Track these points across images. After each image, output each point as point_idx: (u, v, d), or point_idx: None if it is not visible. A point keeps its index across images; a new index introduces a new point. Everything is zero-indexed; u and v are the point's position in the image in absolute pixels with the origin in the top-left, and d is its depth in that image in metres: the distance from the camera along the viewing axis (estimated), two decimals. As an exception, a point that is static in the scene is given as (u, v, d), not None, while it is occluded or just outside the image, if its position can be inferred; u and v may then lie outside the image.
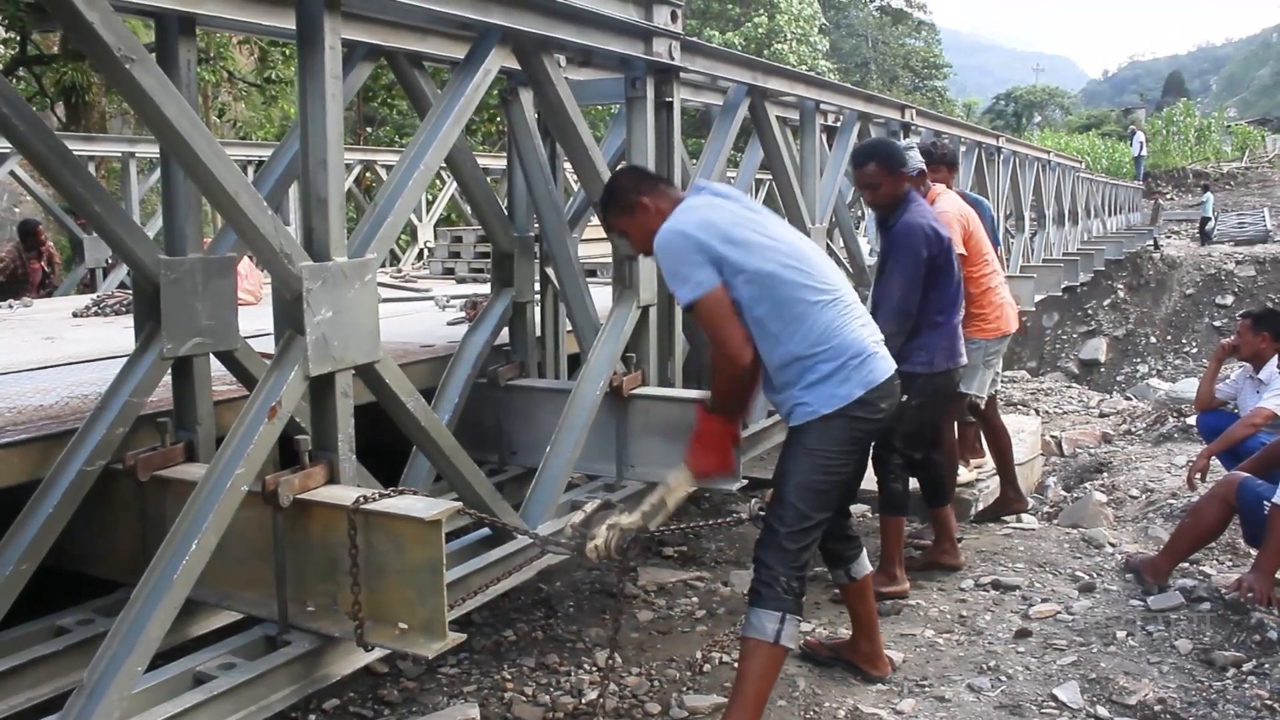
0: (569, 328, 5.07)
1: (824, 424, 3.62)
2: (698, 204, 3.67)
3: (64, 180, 3.09)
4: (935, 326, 5.02)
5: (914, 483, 5.58)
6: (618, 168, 3.97)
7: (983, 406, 6.50)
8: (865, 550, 4.30)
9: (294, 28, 2.95)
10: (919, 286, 4.89)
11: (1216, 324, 22.15)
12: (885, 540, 5.38)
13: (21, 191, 13.22)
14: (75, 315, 6.97)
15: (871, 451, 5.16)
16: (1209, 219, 29.97)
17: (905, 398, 4.99)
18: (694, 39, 4.80)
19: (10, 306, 7.85)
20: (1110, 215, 25.92)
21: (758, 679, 3.65)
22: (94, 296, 7.85)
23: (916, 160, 5.61)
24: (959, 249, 5.43)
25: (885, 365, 3.73)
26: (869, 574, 4.31)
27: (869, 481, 5.16)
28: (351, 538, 2.86)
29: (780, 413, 3.81)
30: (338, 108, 2.94)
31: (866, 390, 3.62)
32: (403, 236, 15.39)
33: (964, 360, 5.34)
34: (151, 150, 11.26)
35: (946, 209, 5.70)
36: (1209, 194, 31.33)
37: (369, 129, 22.41)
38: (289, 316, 2.94)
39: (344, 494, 2.97)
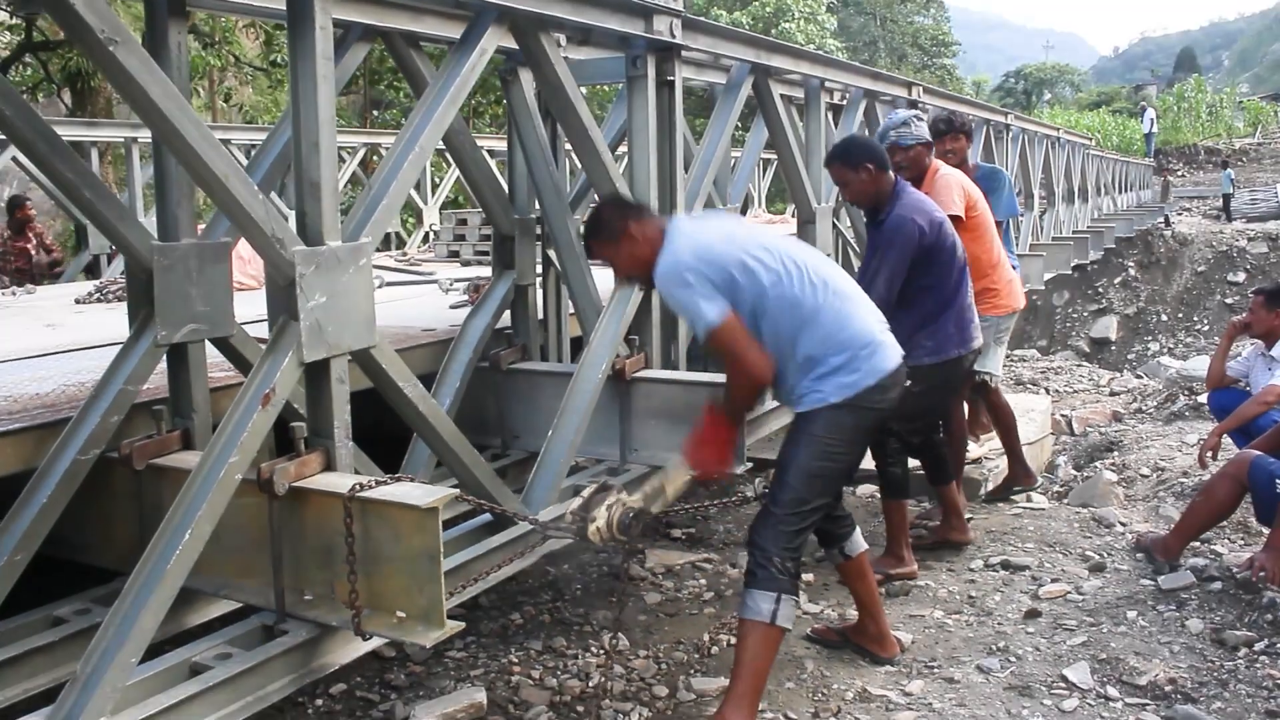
0: (571, 310, 5.03)
1: (833, 412, 3.66)
2: (686, 229, 3.69)
3: (53, 166, 3.05)
4: (941, 314, 4.93)
5: (915, 463, 5.53)
6: (600, 200, 3.95)
7: (993, 385, 6.45)
8: (858, 528, 4.27)
9: (284, 8, 2.91)
10: (901, 280, 4.80)
11: (1228, 301, 22.01)
12: (889, 524, 5.34)
13: (25, 178, 13.18)
14: (78, 302, 6.95)
15: None
16: (1230, 195, 29.73)
17: (908, 383, 4.95)
18: (695, 17, 4.75)
19: (13, 293, 7.82)
20: (1121, 193, 25.73)
21: (755, 659, 3.67)
22: (97, 283, 7.82)
23: (923, 130, 5.57)
24: (956, 210, 5.36)
25: (894, 354, 3.78)
26: (864, 552, 4.28)
27: (872, 463, 5.13)
28: (348, 526, 2.84)
29: (788, 401, 3.83)
30: (329, 89, 2.90)
31: (876, 379, 3.68)
32: (408, 219, 15.36)
33: (977, 344, 5.19)
34: (154, 136, 11.22)
35: (947, 174, 5.64)
36: (1229, 169, 31.09)
37: (375, 112, 22.36)
38: (283, 302, 2.91)
39: (340, 481, 2.94)
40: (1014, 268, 6.37)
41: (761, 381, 3.64)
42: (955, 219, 5.23)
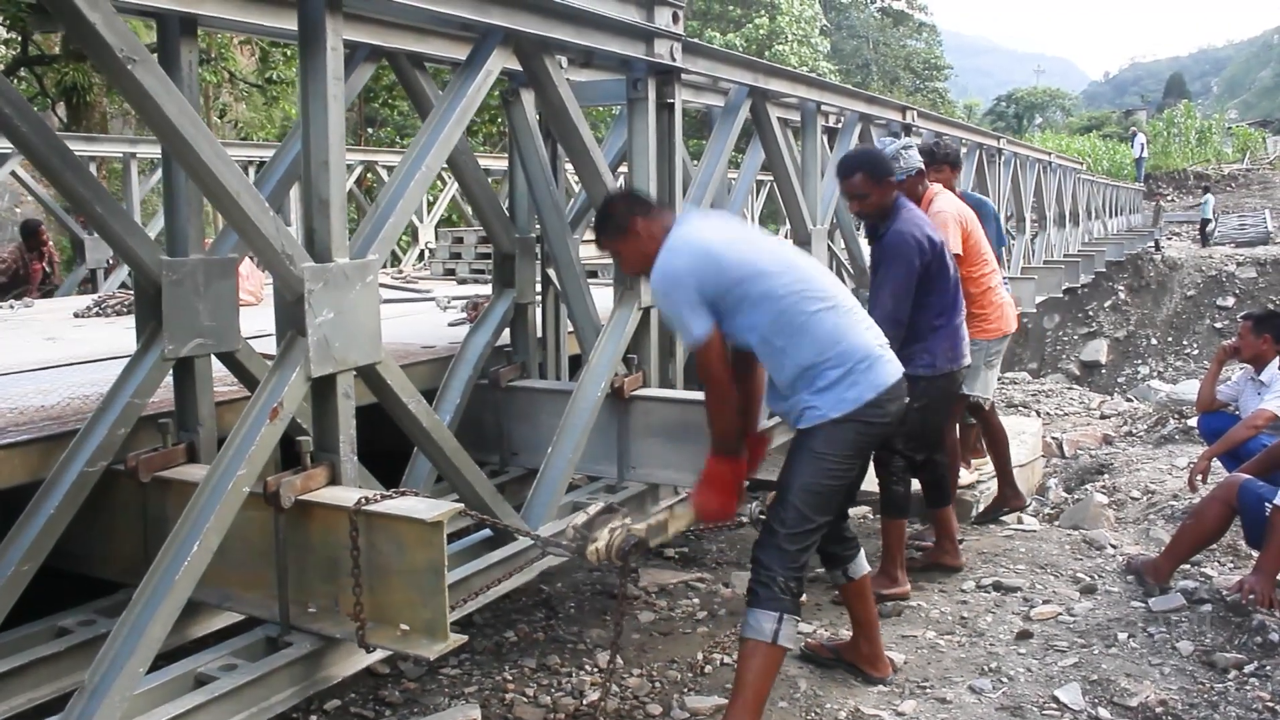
0: (570, 329, 5.06)
1: (832, 428, 3.66)
2: (688, 233, 3.70)
3: (66, 181, 3.09)
4: (936, 330, 5.01)
5: (915, 484, 5.57)
6: (612, 191, 3.99)
7: (986, 407, 6.50)
8: (863, 551, 4.31)
9: (295, 28, 2.95)
10: (910, 295, 4.85)
11: (1217, 326, 22.13)
12: (886, 542, 5.38)
13: (22, 192, 13.20)
14: (77, 316, 6.96)
15: (874, 454, 5.18)
16: (1209, 220, 29.97)
17: (907, 400, 5.01)
18: (695, 40, 4.80)
19: (11, 307, 7.84)
20: (1111, 217, 25.87)
21: (757, 679, 3.69)
22: (95, 297, 7.84)
23: (915, 159, 5.60)
24: (955, 249, 5.42)
25: (892, 369, 3.78)
26: (867, 574, 4.31)
27: (870, 483, 5.16)
28: (353, 539, 2.86)
29: (787, 419, 3.85)
30: (339, 109, 2.94)
31: (875, 394, 3.68)
32: (404, 237, 15.38)
33: (967, 361, 5.31)
34: (152, 151, 11.25)
35: (943, 209, 5.68)
36: (1209, 195, 31.32)
37: (370, 130, 22.41)
38: (290, 317, 2.94)
39: (346, 495, 2.97)
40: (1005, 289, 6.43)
41: (731, 396, 3.68)
42: (955, 256, 5.30)
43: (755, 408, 4.05)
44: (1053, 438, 10.49)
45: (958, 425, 6.56)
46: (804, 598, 5.21)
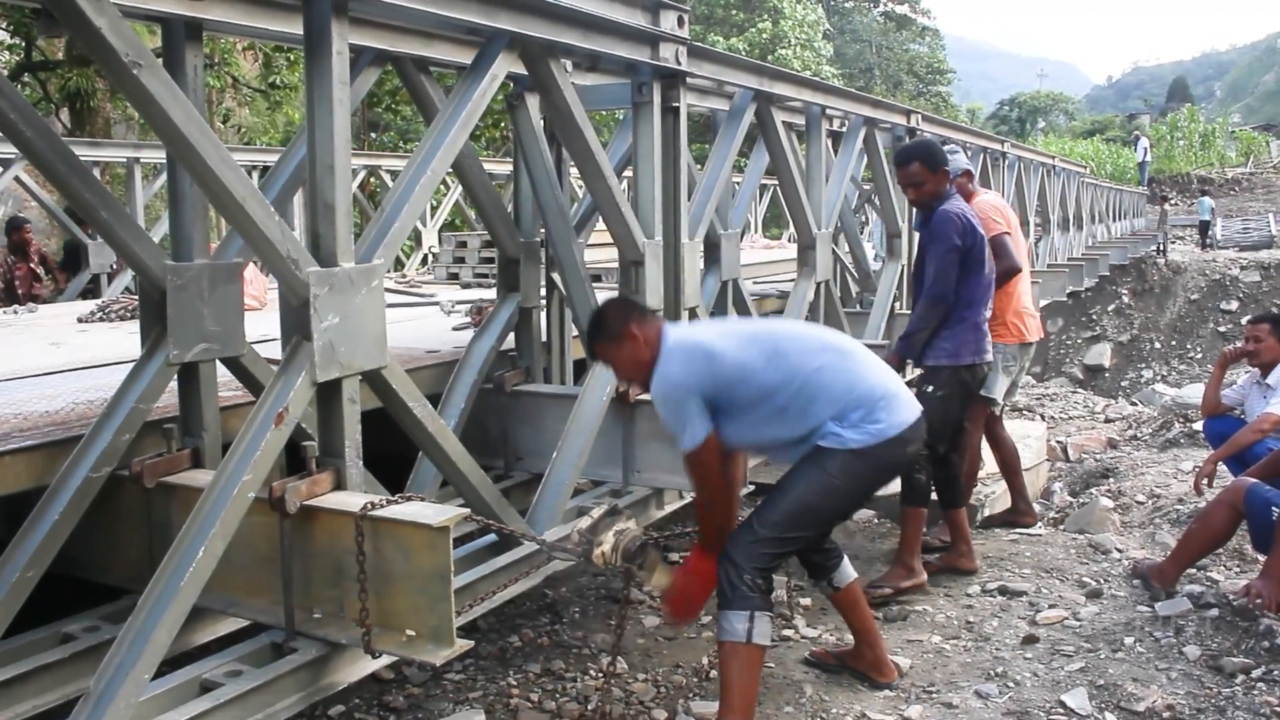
0: (575, 333, 5.06)
1: (852, 457, 3.69)
2: (683, 336, 3.76)
3: (71, 186, 3.09)
4: (961, 320, 5.17)
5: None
6: (605, 300, 4.02)
7: (997, 413, 6.50)
8: (846, 558, 4.31)
9: (301, 33, 2.95)
10: (954, 271, 5.06)
11: (1221, 329, 22.09)
12: (904, 532, 5.39)
13: (26, 197, 13.19)
14: (80, 321, 6.95)
15: None
16: (1208, 223, 29.91)
17: (930, 388, 5.07)
18: (700, 44, 4.80)
19: (15, 312, 7.84)
20: (1115, 221, 25.86)
21: (739, 680, 3.70)
22: (99, 302, 7.83)
23: (962, 161, 5.82)
24: (1003, 229, 5.70)
25: (911, 406, 3.83)
26: (853, 581, 4.31)
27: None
28: (359, 544, 2.86)
29: (802, 449, 3.82)
30: (345, 113, 2.94)
31: (898, 431, 3.73)
32: (407, 241, 15.39)
33: (989, 356, 5.41)
34: (156, 156, 11.25)
35: (993, 202, 5.91)
36: (1207, 198, 31.26)
37: (373, 134, 22.42)
38: (296, 322, 2.94)
39: (351, 500, 2.97)
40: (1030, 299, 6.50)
41: (723, 494, 3.83)
42: (1004, 236, 5.69)
43: (736, 502, 4.15)
44: (1057, 442, 10.47)
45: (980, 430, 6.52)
46: (808, 600, 5.29)
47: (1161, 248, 25.75)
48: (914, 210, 5.60)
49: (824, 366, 3.70)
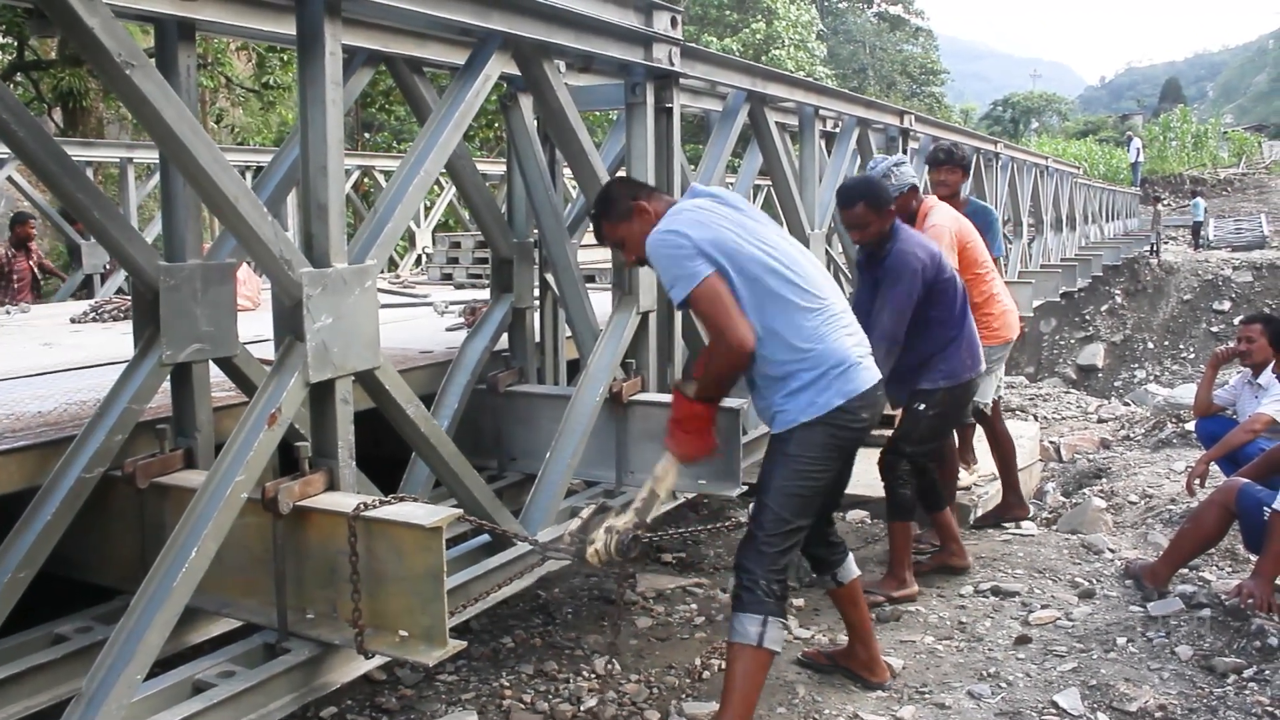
0: (568, 334, 5.06)
1: (804, 431, 3.65)
2: (690, 206, 3.68)
3: (64, 186, 3.07)
4: (953, 340, 5.13)
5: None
6: (609, 178, 3.96)
7: (988, 412, 6.52)
8: (851, 555, 4.30)
9: (294, 33, 2.95)
10: (908, 316, 4.91)
11: (1214, 330, 22.17)
12: (893, 545, 5.39)
13: (19, 196, 13.18)
14: (73, 321, 6.95)
15: (880, 458, 5.20)
16: (1201, 223, 29.99)
17: (923, 407, 5.04)
18: (694, 45, 4.80)
19: (8, 312, 7.83)
20: (1108, 221, 25.93)
21: (744, 682, 3.70)
22: (92, 302, 7.83)
23: (907, 176, 5.61)
24: (952, 261, 5.45)
25: (868, 375, 3.74)
26: (856, 578, 4.31)
27: (870, 488, 5.17)
28: (352, 545, 2.85)
29: (764, 421, 3.84)
30: (338, 113, 2.94)
31: (846, 400, 3.64)
32: (401, 242, 15.39)
33: (984, 366, 5.42)
34: (149, 156, 11.25)
35: (938, 222, 5.71)
36: (1199, 199, 31.33)
37: (366, 135, 22.41)
38: (289, 323, 2.93)
39: (344, 501, 2.96)
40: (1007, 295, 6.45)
41: (746, 346, 3.49)
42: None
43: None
44: (1050, 442, 10.50)
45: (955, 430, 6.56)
46: (801, 601, 5.29)
47: (1154, 248, 25.82)
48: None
49: (806, 309, 3.59)
